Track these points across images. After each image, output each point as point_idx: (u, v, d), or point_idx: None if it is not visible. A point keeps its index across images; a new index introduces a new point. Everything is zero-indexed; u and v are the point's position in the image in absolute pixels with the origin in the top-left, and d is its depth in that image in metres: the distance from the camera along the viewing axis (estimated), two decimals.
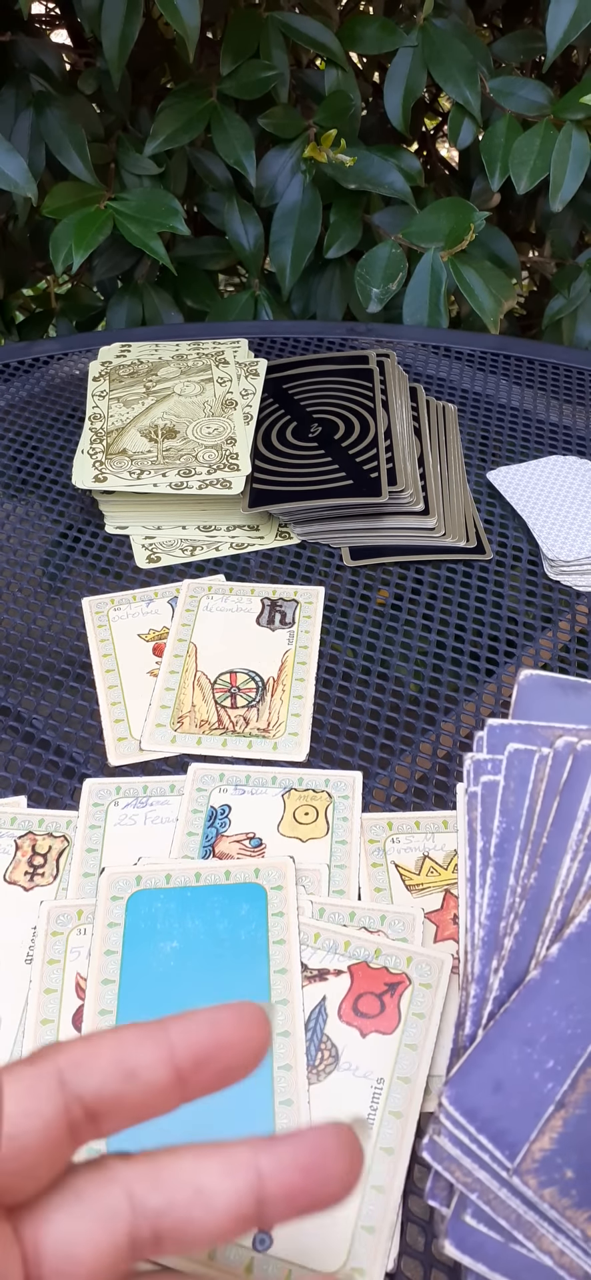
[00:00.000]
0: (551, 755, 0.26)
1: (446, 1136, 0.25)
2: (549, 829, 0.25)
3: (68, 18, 1.30)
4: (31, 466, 0.73)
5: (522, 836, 0.26)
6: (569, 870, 0.25)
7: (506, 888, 0.25)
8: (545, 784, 0.26)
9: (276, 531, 0.65)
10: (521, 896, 0.25)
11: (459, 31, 1.04)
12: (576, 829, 0.25)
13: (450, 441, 0.72)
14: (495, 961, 0.25)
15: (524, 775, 0.26)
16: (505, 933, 0.25)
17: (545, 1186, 0.23)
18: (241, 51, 1.04)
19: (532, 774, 0.26)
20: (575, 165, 0.95)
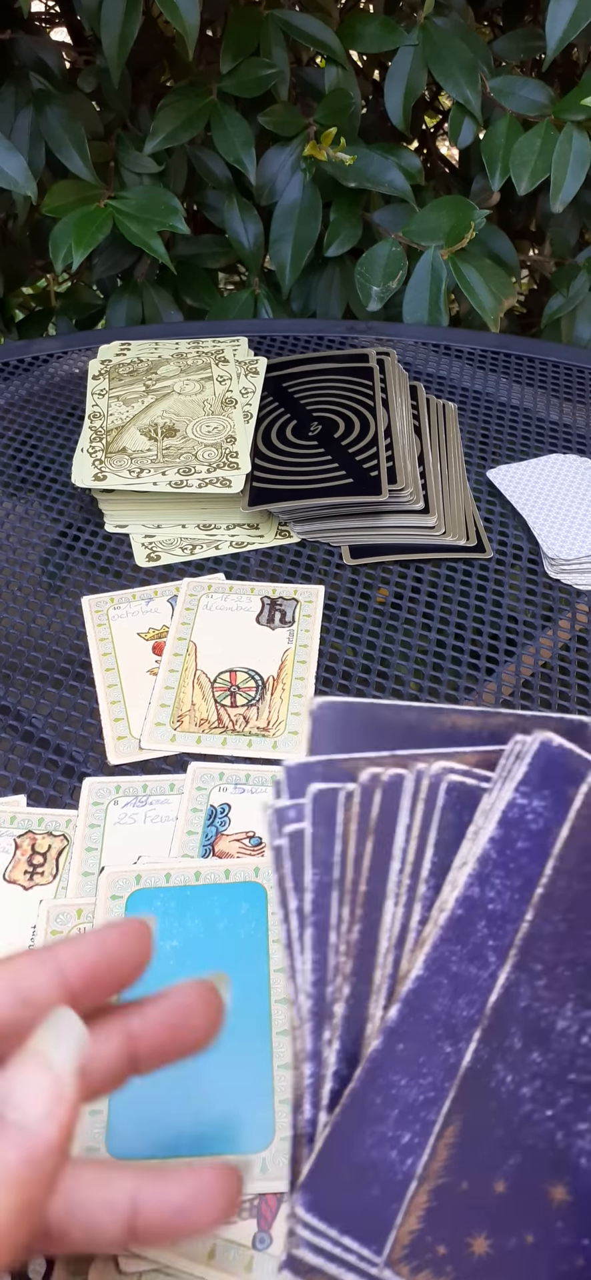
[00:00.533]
0: (358, 791, 0.23)
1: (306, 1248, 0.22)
2: (365, 874, 0.23)
3: (67, 16, 1.30)
4: (31, 465, 0.73)
5: (338, 887, 0.23)
6: (393, 917, 0.23)
7: (328, 948, 0.23)
8: (355, 825, 0.23)
9: (276, 530, 0.65)
10: (346, 955, 0.23)
11: (459, 30, 1.04)
12: (394, 870, 0.23)
13: (450, 440, 0.72)
14: (327, 1033, 0.23)
15: (330, 819, 0.24)
16: (334, 998, 0.23)
17: (418, 1271, 0.21)
18: (241, 49, 1.04)
19: (340, 816, 0.24)
20: (576, 166, 0.95)
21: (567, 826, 0.23)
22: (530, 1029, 0.22)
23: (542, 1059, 0.22)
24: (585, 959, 0.23)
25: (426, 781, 0.23)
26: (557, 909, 0.23)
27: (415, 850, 0.23)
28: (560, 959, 0.23)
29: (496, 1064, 0.22)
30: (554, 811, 0.23)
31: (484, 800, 0.23)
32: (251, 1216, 0.34)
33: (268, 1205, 0.35)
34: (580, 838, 0.23)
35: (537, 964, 0.22)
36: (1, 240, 1.25)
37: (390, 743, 0.25)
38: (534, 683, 0.56)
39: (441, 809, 0.23)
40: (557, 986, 0.23)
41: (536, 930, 0.23)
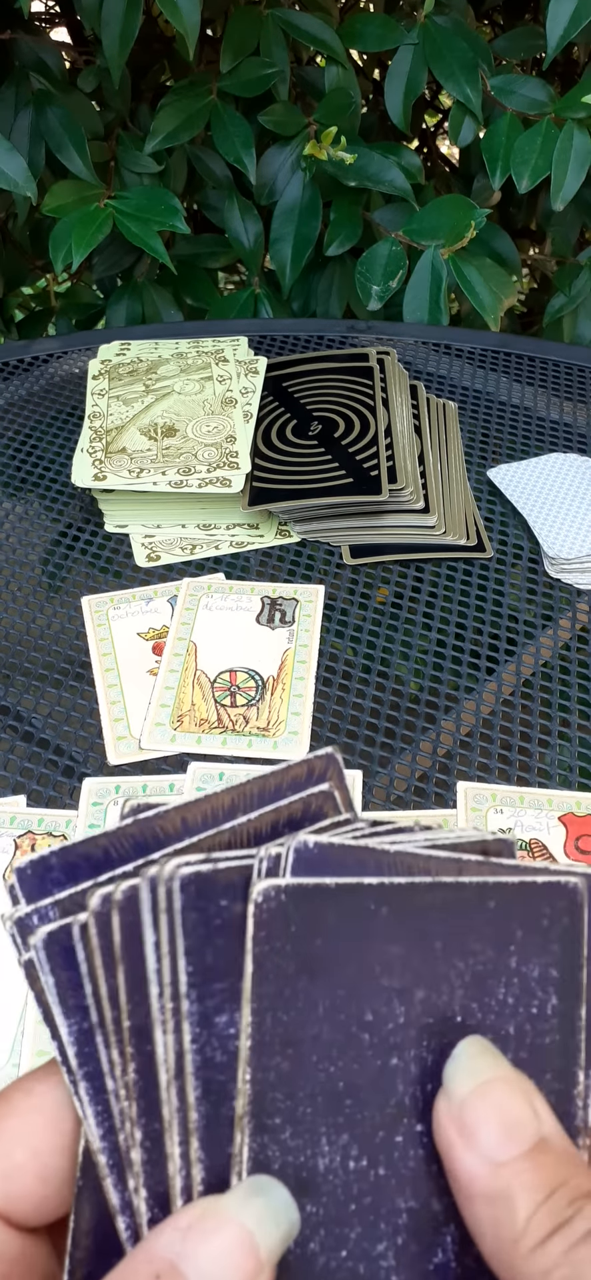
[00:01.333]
0: (92, 920, 0.21)
1: None
2: (126, 1008, 0.21)
3: (67, 15, 1.30)
4: (31, 465, 0.72)
5: (101, 1030, 0.21)
6: (165, 1046, 0.20)
7: (108, 1096, 0.21)
8: (100, 958, 0.21)
9: (276, 530, 0.65)
10: (128, 1098, 0.21)
11: (459, 29, 1.04)
12: (154, 995, 0.20)
13: (450, 439, 0.72)
14: (131, 1181, 0.21)
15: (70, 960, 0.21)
16: (128, 1146, 0.21)
17: None
18: (241, 49, 1.04)
19: (80, 952, 0.21)
20: (576, 164, 0.95)
21: (249, 959, 0.20)
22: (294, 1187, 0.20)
23: (317, 1207, 0.20)
24: (321, 1086, 0.20)
25: (162, 888, 0.20)
26: (274, 1052, 0.20)
27: (169, 967, 0.20)
28: (296, 1101, 0.20)
29: None
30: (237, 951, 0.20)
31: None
32: None
33: None
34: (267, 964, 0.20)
35: (275, 1118, 0.20)
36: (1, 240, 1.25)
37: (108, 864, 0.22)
38: (534, 682, 0.56)
39: (182, 910, 0.20)
40: (305, 1129, 0.20)
41: (261, 1085, 0.20)
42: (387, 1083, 0.21)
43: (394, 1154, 0.21)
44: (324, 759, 0.23)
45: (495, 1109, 0.19)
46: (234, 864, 0.21)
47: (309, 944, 0.20)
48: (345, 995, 0.20)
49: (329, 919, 0.20)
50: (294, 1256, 0.20)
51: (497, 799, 0.49)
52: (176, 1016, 0.20)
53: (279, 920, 0.20)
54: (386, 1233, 0.20)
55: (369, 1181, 0.20)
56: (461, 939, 0.21)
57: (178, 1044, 0.20)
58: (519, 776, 0.50)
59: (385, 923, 0.20)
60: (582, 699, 0.55)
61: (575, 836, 0.47)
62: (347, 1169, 0.20)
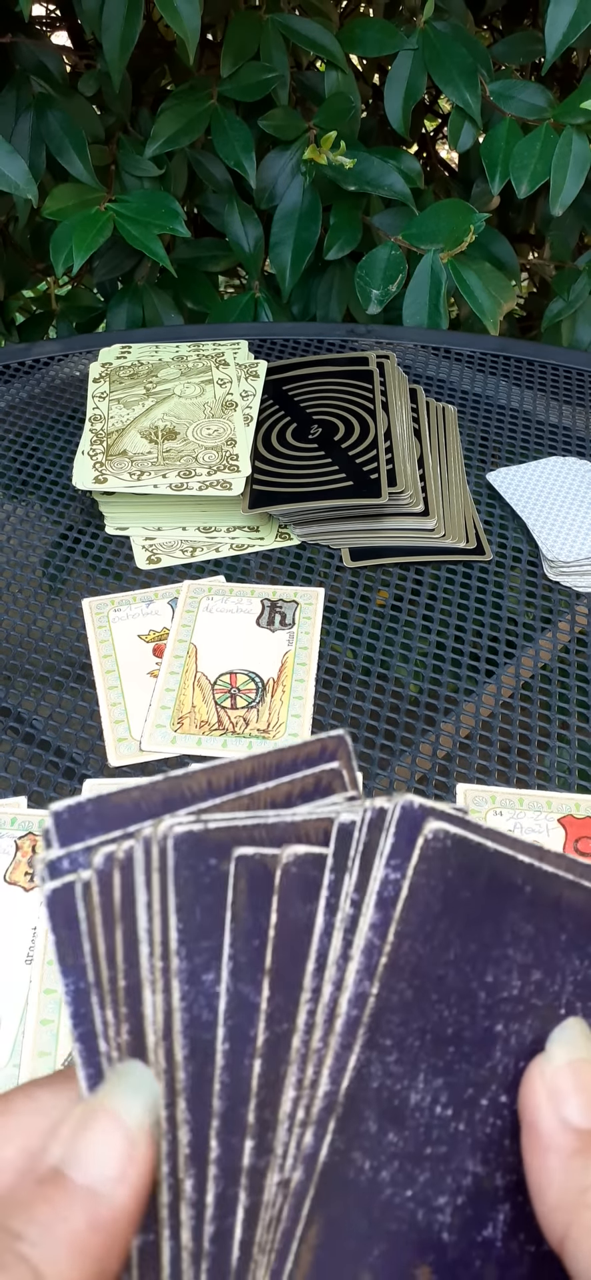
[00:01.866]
0: (94, 878, 0.21)
1: None
2: (121, 969, 0.21)
3: (68, 19, 1.31)
4: (32, 467, 0.73)
5: (96, 990, 0.21)
6: (154, 1008, 0.21)
7: (100, 1058, 0.21)
8: (100, 916, 0.21)
9: (276, 532, 0.65)
10: (120, 1059, 0.21)
11: (459, 34, 1.04)
12: (145, 954, 0.21)
13: (450, 443, 0.72)
14: None
15: (72, 918, 0.21)
16: None
17: None
18: (241, 53, 1.04)
19: (81, 912, 0.21)
20: (575, 170, 0.95)
21: (406, 885, 0.21)
22: (384, 1110, 0.21)
23: (398, 1138, 0.21)
24: (433, 1025, 0.21)
25: (156, 847, 0.21)
26: (402, 977, 0.21)
27: (160, 926, 0.21)
28: (409, 1030, 0.21)
29: (353, 1152, 0.21)
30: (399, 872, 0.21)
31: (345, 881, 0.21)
32: None
33: None
34: (419, 896, 0.21)
35: (387, 1039, 0.21)
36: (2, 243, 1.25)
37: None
38: (533, 684, 0.56)
39: (174, 868, 0.21)
40: (408, 1060, 0.21)
41: (383, 1004, 0.21)
42: (488, 1045, 0.22)
43: (476, 1115, 0.22)
44: (335, 739, 0.24)
45: (585, 1086, 0.21)
46: (224, 824, 0.21)
47: (458, 892, 0.21)
48: (476, 951, 0.22)
49: (481, 877, 0.22)
50: (365, 1178, 0.21)
51: (497, 801, 0.49)
52: (166, 976, 0.21)
53: (440, 860, 0.21)
54: (450, 1188, 0.21)
55: (448, 1132, 0.21)
56: (585, 941, 0.22)
57: (167, 1003, 0.21)
58: (518, 778, 0.51)
59: (526, 900, 0.22)
60: (581, 701, 0.55)
61: (574, 838, 0.47)
62: (434, 1113, 0.21)
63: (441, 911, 0.21)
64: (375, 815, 0.21)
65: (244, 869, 0.21)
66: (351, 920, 0.21)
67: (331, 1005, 0.21)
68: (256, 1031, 0.21)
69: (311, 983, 0.21)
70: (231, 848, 0.21)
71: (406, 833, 0.21)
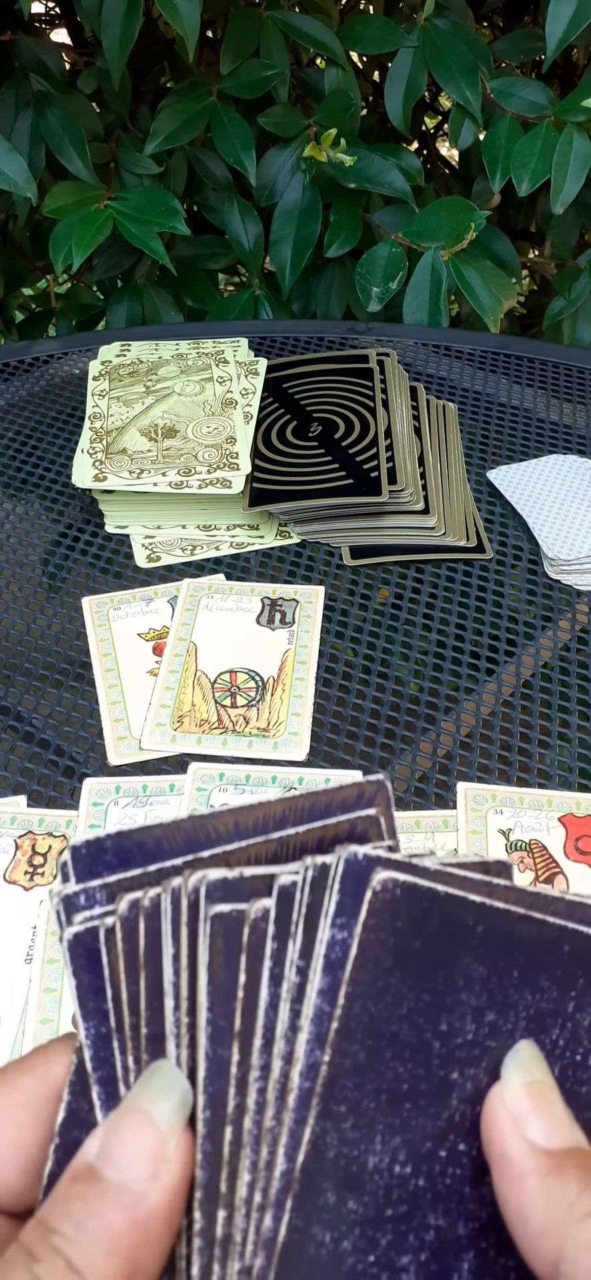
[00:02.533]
0: (119, 926, 0.21)
1: None
2: (143, 1016, 0.21)
3: (68, 17, 1.30)
4: (31, 466, 0.73)
5: (117, 1035, 0.21)
6: (177, 1060, 0.21)
7: (118, 1100, 0.21)
8: (123, 963, 0.21)
9: (276, 531, 0.65)
10: None
11: (459, 31, 1.04)
12: (170, 1007, 0.21)
13: (450, 440, 0.72)
14: None
15: (93, 962, 0.21)
16: None
17: None
18: (241, 50, 1.04)
19: (103, 955, 0.21)
20: (576, 168, 0.95)
21: (355, 944, 0.20)
22: (342, 1178, 0.20)
23: (358, 1205, 0.21)
24: (388, 1084, 0.21)
25: (184, 901, 0.21)
26: (354, 1039, 0.20)
27: (188, 982, 0.21)
28: (364, 1093, 0.20)
29: (313, 1228, 0.20)
30: (346, 931, 0.20)
31: (289, 948, 0.21)
32: None
33: None
34: (369, 953, 0.20)
35: (342, 1105, 0.20)
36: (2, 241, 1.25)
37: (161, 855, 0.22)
38: (534, 683, 0.56)
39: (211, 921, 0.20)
40: (365, 1123, 0.20)
41: (336, 1070, 0.20)
42: (445, 1095, 0.21)
43: (435, 1168, 0.21)
44: (374, 785, 0.23)
45: (547, 1106, 0.20)
46: (259, 874, 0.21)
47: (409, 942, 0.21)
48: (429, 1001, 0.21)
49: (432, 924, 0.21)
50: (326, 1250, 0.20)
51: (497, 800, 0.49)
52: (192, 1032, 0.20)
53: (389, 913, 0.20)
54: (413, 1246, 0.21)
55: (408, 1190, 0.21)
56: (536, 974, 0.21)
57: (191, 1059, 0.20)
58: (518, 777, 0.50)
59: (478, 940, 0.21)
60: (582, 700, 0.55)
61: (575, 837, 0.47)
62: (392, 1173, 0.21)
63: (393, 965, 0.21)
64: (317, 873, 0.20)
65: (220, 926, 0.20)
66: (298, 989, 0.20)
67: (282, 1080, 0.20)
68: (228, 1098, 0.20)
69: (259, 1059, 0.20)
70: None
71: (351, 888, 0.20)
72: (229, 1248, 0.20)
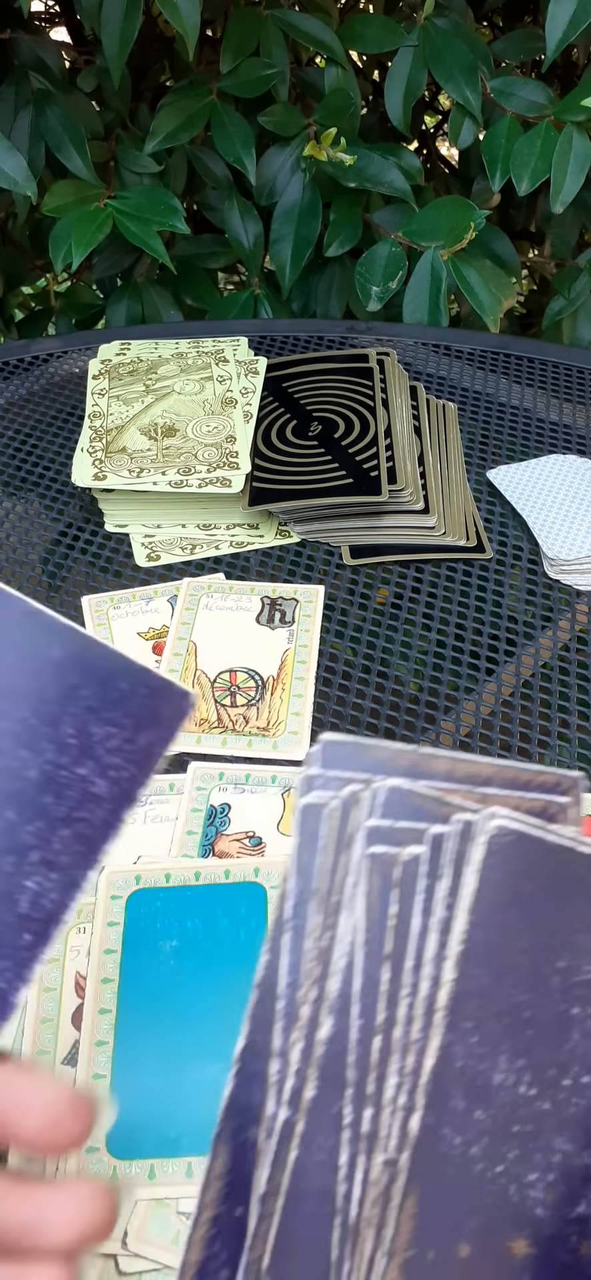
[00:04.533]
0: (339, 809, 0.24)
1: None
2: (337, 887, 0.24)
3: (67, 15, 1.30)
4: (31, 464, 0.73)
5: (315, 897, 0.24)
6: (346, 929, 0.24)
7: (303, 953, 0.24)
8: (334, 837, 0.24)
9: (276, 530, 0.65)
10: (317, 960, 0.24)
11: (459, 31, 1.04)
12: (349, 882, 0.24)
13: (450, 440, 0.72)
14: (294, 1034, 0.24)
15: (314, 831, 0.24)
16: (302, 1002, 0.24)
17: None
18: (241, 49, 1.04)
19: (322, 828, 0.24)
20: (576, 167, 0.95)
21: (475, 878, 0.23)
22: (469, 1088, 0.23)
23: (485, 1115, 0.23)
24: (510, 1009, 0.23)
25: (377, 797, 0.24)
26: (478, 963, 0.23)
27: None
28: (487, 1013, 0.23)
29: (443, 1128, 0.23)
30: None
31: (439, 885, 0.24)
32: None
33: None
34: (487, 889, 0.23)
35: (467, 1021, 0.23)
36: (1, 240, 1.25)
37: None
38: (534, 683, 0.56)
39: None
40: (489, 1041, 0.23)
41: (462, 988, 0.23)
42: (565, 1028, 0.23)
43: (559, 1095, 0.23)
44: (572, 779, 0.25)
45: None
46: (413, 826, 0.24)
47: (524, 884, 0.23)
48: (545, 939, 0.23)
49: (545, 870, 0.23)
50: (457, 1153, 0.23)
51: None
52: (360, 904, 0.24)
53: (504, 855, 0.23)
54: (540, 1164, 0.23)
55: (533, 1110, 0.23)
56: None
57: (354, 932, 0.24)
58: None
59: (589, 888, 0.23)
60: (582, 700, 0.55)
61: None
62: (517, 1092, 0.23)
63: (510, 902, 0.23)
64: (465, 827, 0.24)
65: (376, 865, 0.24)
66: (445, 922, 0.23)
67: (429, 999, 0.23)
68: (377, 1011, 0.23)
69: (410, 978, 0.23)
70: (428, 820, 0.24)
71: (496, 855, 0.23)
72: (374, 1142, 0.23)
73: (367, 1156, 0.23)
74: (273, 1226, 0.23)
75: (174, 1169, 0.36)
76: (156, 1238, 0.34)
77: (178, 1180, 0.35)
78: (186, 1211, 0.35)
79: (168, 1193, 0.35)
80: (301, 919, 0.24)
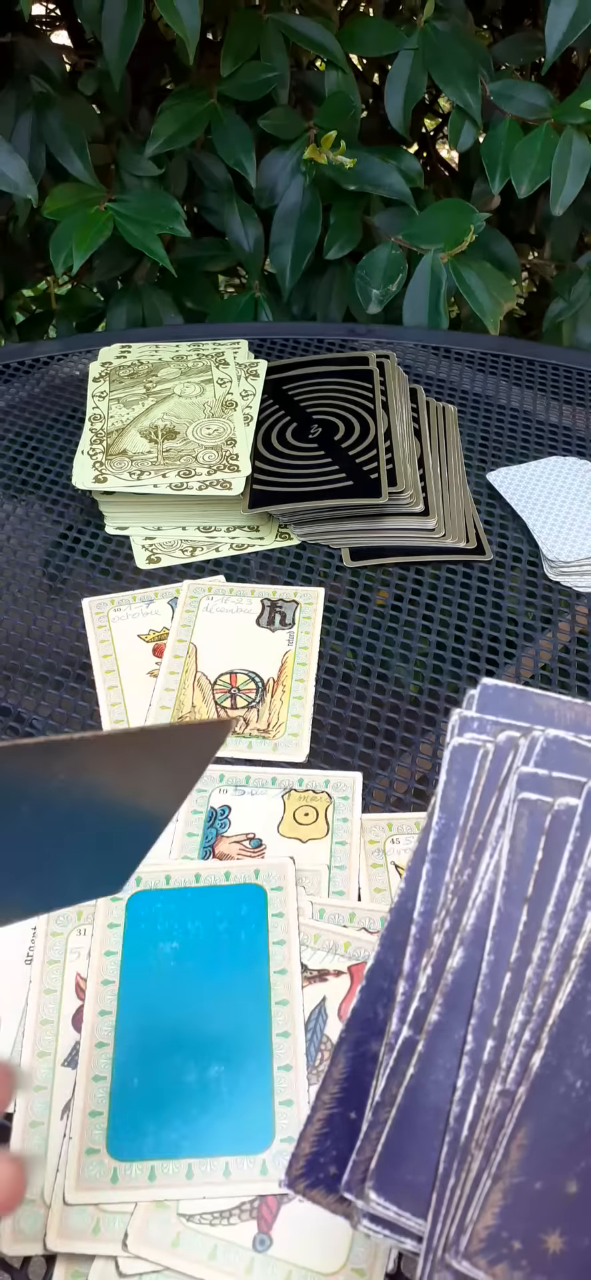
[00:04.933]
0: (492, 750, 0.25)
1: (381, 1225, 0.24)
2: (483, 827, 0.25)
3: (68, 19, 1.30)
4: (31, 467, 0.73)
5: (459, 833, 0.25)
6: (487, 867, 0.25)
7: (442, 885, 0.25)
8: (484, 780, 0.25)
9: (276, 532, 0.65)
10: (454, 894, 0.25)
11: (459, 34, 1.04)
12: (496, 824, 0.25)
13: (450, 442, 0.72)
14: (424, 959, 0.25)
15: (466, 771, 0.26)
16: (435, 930, 0.25)
17: (495, 1264, 0.22)
18: (241, 53, 1.04)
19: (475, 769, 0.25)
20: (575, 170, 0.95)
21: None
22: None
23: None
24: None
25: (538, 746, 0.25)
26: None
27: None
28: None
29: (566, 1070, 0.23)
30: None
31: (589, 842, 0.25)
32: (251, 1218, 0.34)
33: (267, 1207, 0.35)
34: None
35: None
36: (2, 243, 1.25)
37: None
38: (534, 684, 0.56)
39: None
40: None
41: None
42: None
43: None
44: None
45: None
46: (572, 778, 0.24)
47: None
48: None
49: None
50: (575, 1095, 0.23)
51: None
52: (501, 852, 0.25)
53: None
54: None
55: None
56: None
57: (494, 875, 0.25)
58: None
59: None
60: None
61: None
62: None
63: None
64: None
65: (526, 810, 0.24)
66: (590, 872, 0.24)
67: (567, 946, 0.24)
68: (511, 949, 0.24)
69: (549, 923, 0.24)
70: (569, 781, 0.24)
71: None
72: (494, 1071, 0.24)
73: (484, 1085, 0.23)
74: (384, 1134, 0.24)
75: (174, 1170, 0.36)
76: (157, 1239, 0.34)
77: (178, 1182, 0.35)
78: (187, 1213, 0.35)
79: (168, 1194, 0.35)
80: (443, 853, 0.25)
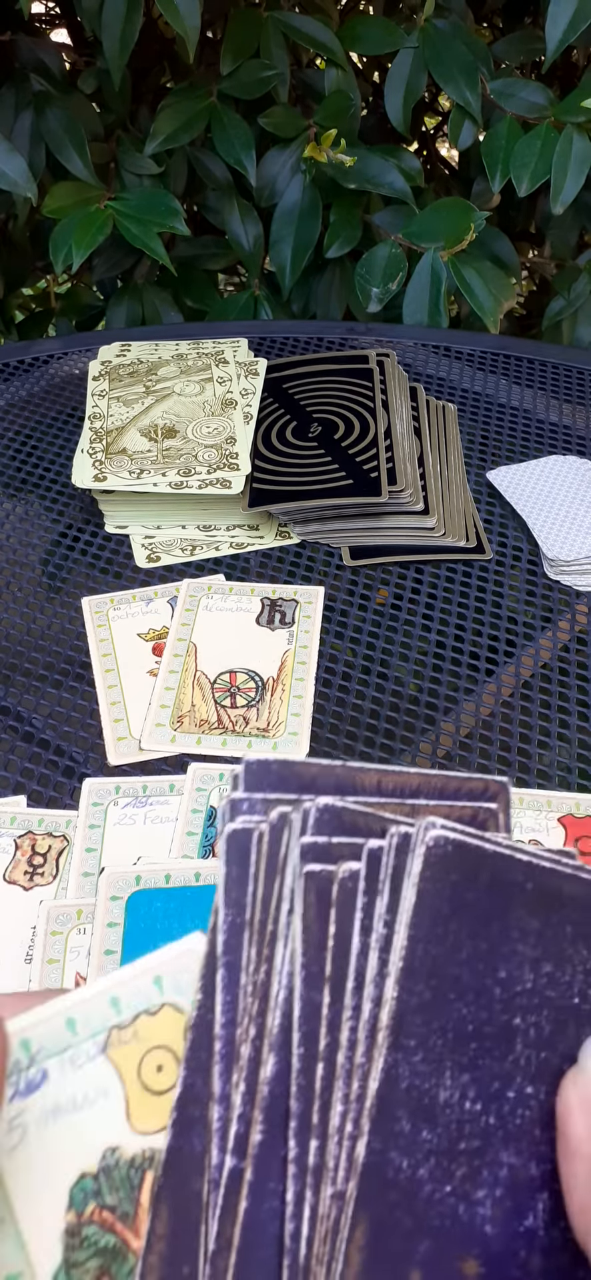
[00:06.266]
0: (267, 831, 0.23)
1: None
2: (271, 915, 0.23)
3: (68, 17, 1.30)
4: (31, 466, 0.73)
5: (249, 928, 0.23)
6: (282, 959, 0.23)
7: (239, 989, 0.23)
8: (265, 864, 0.23)
9: (276, 531, 0.65)
10: (253, 995, 0.23)
11: (459, 32, 1.04)
12: (284, 910, 0.23)
13: (450, 441, 0.72)
14: (235, 1075, 0.23)
15: (244, 858, 0.23)
16: (241, 1040, 0.23)
17: None
18: (241, 51, 1.04)
19: (253, 854, 0.23)
20: (576, 168, 0.95)
21: (414, 892, 0.22)
22: (415, 1108, 0.22)
23: (432, 1135, 0.22)
24: (453, 1023, 0.22)
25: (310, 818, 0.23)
26: (419, 979, 0.22)
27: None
28: (430, 1029, 0.22)
29: (390, 1152, 0.22)
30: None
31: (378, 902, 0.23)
32: None
33: None
34: (427, 900, 0.22)
35: (411, 1039, 0.22)
36: (2, 241, 1.25)
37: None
38: (533, 684, 0.56)
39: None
40: (433, 1058, 0.22)
41: (404, 1005, 0.22)
42: (509, 1038, 0.23)
43: (504, 1108, 0.23)
44: (499, 784, 0.25)
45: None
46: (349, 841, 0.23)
47: (464, 894, 0.23)
48: (486, 949, 0.23)
49: (483, 878, 0.23)
50: (404, 1176, 0.22)
51: None
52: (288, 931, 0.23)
53: (443, 865, 0.23)
54: (487, 1181, 0.22)
55: (479, 1126, 0.22)
56: (589, 930, 0.23)
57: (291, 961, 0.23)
58: (518, 778, 0.50)
59: (529, 896, 0.23)
60: (581, 700, 0.55)
61: (574, 837, 0.47)
62: (463, 1108, 0.22)
63: (450, 914, 0.22)
64: (401, 840, 0.23)
65: (312, 883, 0.23)
66: (385, 939, 0.23)
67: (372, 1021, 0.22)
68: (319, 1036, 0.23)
69: (352, 1000, 0.23)
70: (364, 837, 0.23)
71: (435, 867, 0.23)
72: (322, 1174, 0.22)
73: (315, 1191, 0.22)
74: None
75: None
76: None
77: None
78: None
79: None
80: (235, 954, 0.23)
